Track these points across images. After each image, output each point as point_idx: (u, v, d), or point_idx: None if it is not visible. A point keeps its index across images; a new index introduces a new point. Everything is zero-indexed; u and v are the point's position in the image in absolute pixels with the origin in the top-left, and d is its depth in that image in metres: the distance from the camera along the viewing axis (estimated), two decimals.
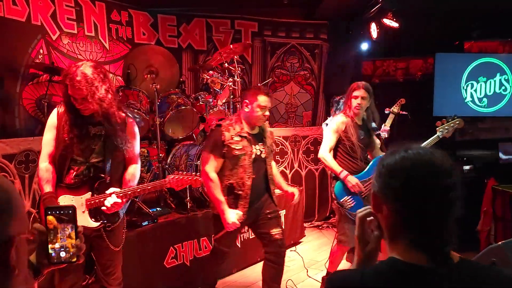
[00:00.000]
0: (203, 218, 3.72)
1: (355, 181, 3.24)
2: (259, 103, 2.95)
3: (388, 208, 1.09)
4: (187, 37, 5.70)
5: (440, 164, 1.07)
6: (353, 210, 3.24)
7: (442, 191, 1.04)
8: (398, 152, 1.11)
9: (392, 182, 1.08)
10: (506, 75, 6.15)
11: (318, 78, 6.36)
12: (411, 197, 1.05)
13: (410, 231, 1.06)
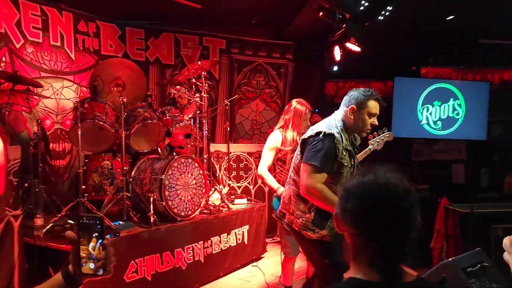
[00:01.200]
0: (166, 232, 3.71)
1: None
2: (371, 111, 2.54)
3: (347, 230, 1.15)
4: (155, 51, 5.72)
5: (395, 187, 1.10)
6: None
7: (396, 214, 1.08)
8: (357, 176, 1.16)
9: (348, 206, 1.13)
10: (458, 100, 6.54)
11: (283, 96, 6.52)
12: (365, 220, 1.09)
13: (366, 252, 1.10)
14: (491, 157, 6.92)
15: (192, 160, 4.12)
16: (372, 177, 1.12)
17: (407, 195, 1.10)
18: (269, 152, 3.52)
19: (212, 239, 4.18)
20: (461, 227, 4.42)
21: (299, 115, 3.50)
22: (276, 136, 3.53)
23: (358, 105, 2.53)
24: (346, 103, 2.60)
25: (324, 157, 2.44)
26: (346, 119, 2.58)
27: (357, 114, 2.54)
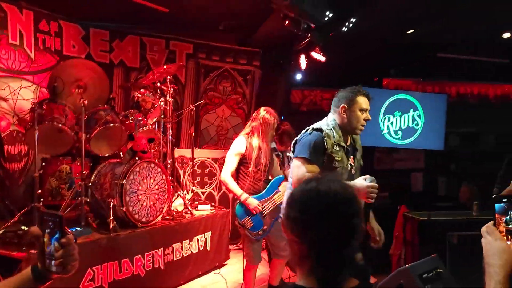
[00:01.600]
0: (125, 238, 3.62)
1: (255, 204, 3.36)
2: (361, 106, 2.59)
3: (290, 237, 1.14)
4: (119, 53, 5.61)
5: (335, 195, 1.09)
6: (253, 229, 3.39)
7: (336, 223, 1.07)
8: (303, 183, 1.16)
9: (290, 213, 1.12)
10: (418, 111, 6.78)
11: (250, 103, 6.54)
12: (305, 228, 1.09)
13: (308, 260, 1.10)
14: (448, 167, 7.21)
15: (155, 165, 4.05)
16: (314, 184, 1.12)
17: (348, 203, 1.09)
18: (233, 158, 3.52)
19: (174, 246, 4.12)
20: (418, 234, 4.56)
21: (268, 124, 3.53)
22: (241, 142, 3.54)
23: (348, 103, 2.59)
24: (336, 104, 2.65)
25: (312, 149, 2.47)
26: (339, 119, 2.62)
27: (349, 111, 2.58)
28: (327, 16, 4.14)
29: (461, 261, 4.05)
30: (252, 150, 3.48)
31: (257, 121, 3.56)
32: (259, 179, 3.53)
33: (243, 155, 3.50)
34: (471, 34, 5.71)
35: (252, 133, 3.55)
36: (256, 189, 3.52)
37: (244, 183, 3.51)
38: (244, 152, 3.49)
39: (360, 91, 2.63)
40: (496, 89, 7.66)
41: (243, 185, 3.50)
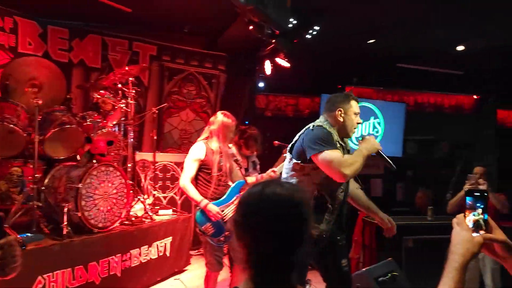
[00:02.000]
0: (80, 245, 3.49)
1: (216, 210, 3.31)
2: (355, 110, 2.70)
3: (236, 240, 1.12)
4: (79, 52, 5.44)
5: (278, 200, 1.06)
6: (214, 236, 3.34)
7: (275, 228, 1.04)
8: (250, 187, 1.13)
9: (235, 216, 1.11)
10: (378, 119, 6.98)
11: (214, 107, 6.50)
12: (246, 232, 1.07)
13: (249, 264, 1.07)
14: (406, 173, 7.44)
15: (114, 169, 3.94)
16: (260, 187, 1.09)
17: (292, 208, 1.06)
18: (192, 163, 3.44)
19: (132, 252, 4.01)
20: (376, 238, 4.67)
21: (227, 127, 3.50)
22: (200, 148, 3.47)
23: (344, 107, 2.66)
24: (331, 108, 2.70)
25: (326, 140, 2.51)
26: (334, 122, 2.67)
27: (345, 115, 2.66)
28: (291, 23, 4.19)
29: (416, 264, 4.18)
30: (213, 154, 3.44)
31: (215, 125, 3.52)
32: (223, 183, 3.49)
33: (203, 161, 3.43)
34: (428, 46, 5.94)
35: (211, 137, 3.51)
36: (219, 194, 3.46)
37: (205, 189, 3.44)
38: (203, 159, 3.42)
39: (353, 96, 2.74)
40: (451, 99, 8.01)
41: (204, 192, 3.43)
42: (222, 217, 3.35)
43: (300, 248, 1.06)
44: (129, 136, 4.73)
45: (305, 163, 2.58)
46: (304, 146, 2.57)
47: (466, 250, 1.09)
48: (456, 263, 1.08)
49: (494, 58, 6.42)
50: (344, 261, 2.77)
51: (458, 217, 1.16)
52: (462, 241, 1.11)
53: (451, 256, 1.10)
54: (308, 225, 1.08)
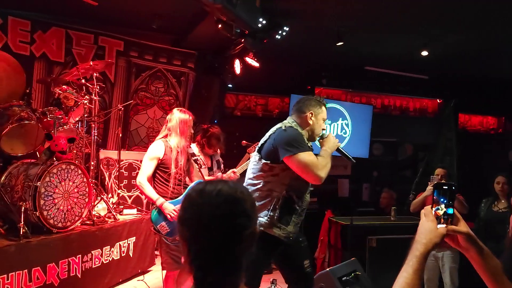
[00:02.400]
0: (37, 245, 3.35)
1: (171, 208, 3.27)
2: (324, 116, 2.75)
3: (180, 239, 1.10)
4: (42, 45, 5.24)
5: (217, 194, 1.05)
6: (169, 235, 3.31)
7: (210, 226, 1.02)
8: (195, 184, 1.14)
9: (179, 214, 1.10)
10: (346, 120, 7.08)
11: (183, 105, 6.41)
12: (184, 228, 1.06)
13: (189, 262, 1.05)
14: (372, 174, 7.60)
15: (75, 167, 3.81)
16: (203, 185, 1.09)
17: (232, 204, 1.05)
18: (149, 162, 3.37)
19: (93, 252, 3.89)
20: (341, 238, 4.74)
21: (184, 122, 3.45)
22: (158, 146, 3.41)
23: (315, 111, 2.68)
24: (302, 109, 2.70)
25: (299, 142, 2.51)
26: (303, 124, 2.68)
27: (315, 119, 2.67)
28: (260, 22, 4.18)
29: (379, 264, 4.27)
30: (171, 152, 3.38)
31: (172, 122, 3.46)
32: (180, 182, 3.44)
33: (161, 160, 3.37)
34: (394, 50, 6.08)
35: (170, 135, 3.45)
36: (177, 193, 3.42)
37: (164, 189, 3.39)
38: (162, 157, 3.37)
39: (324, 102, 2.77)
40: (416, 103, 8.25)
41: (162, 191, 3.38)
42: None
43: (240, 246, 1.04)
44: (93, 133, 4.60)
45: (275, 163, 2.56)
46: (276, 146, 2.54)
47: (429, 240, 1.14)
48: (417, 252, 1.13)
49: (457, 63, 6.65)
50: (306, 262, 2.79)
51: (425, 209, 1.21)
52: (426, 231, 1.16)
53: (414, 245, 1.15)
54: (251, 223, 1.06)
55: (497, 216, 3.98)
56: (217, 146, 4.22)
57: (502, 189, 4.01)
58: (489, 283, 1.20)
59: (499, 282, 1.17)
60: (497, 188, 4.04)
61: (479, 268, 1.21)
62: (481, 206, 4.19)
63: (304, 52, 6.40)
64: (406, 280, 1.10)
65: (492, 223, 4.01)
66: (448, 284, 4.06)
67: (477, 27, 5.06)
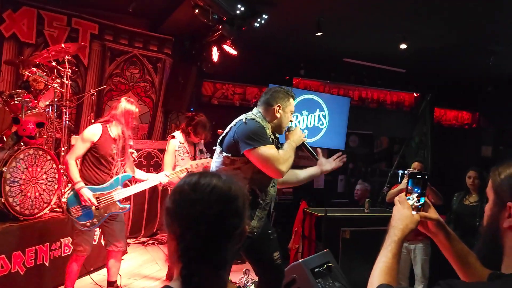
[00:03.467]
0: (2, 233, 3.24)
1: (88, 196, 3.24)
2: (292, 109, 2.67)
3: (166, 229, 1.06)
4: (11, 25, 5.01)
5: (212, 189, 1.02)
6: (80, 219, 3.27)
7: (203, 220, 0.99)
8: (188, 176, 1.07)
9: (167, 203, 1.05)
10: (324, 112, 7.10)
11: (158, 91, 6.29)
12: (174, 222, 1.02)
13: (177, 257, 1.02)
14: (347, 166, 7.66)
15: (44, 152, 3.68)
16: (196, 177, 1.05)
17: (225, 202, 1.02)
18: (82, 143, 3.31)
19: (62, 241, 3.79)
20: (315, 229, 4.76)
21: (129, 113, 3.40)
22: (96, 129, 3.34)
23: (283, 103, 2.61)
24: (270, 102, 2.63)
25: (259, 135, 2.44)
26: (269, 116, 2.61)
27: (282, 112, 2.61)
28: (238, 9, 4.10)
29: (352, 255, 4.31)
30: (108, 139, 3.33)
31: (117, 110, 3.39)
32: (109, 171, 3.38)
33: (95, 143, 3.30)
34: (373, 43, 6.09)
35: (111, 122, 3.38)
36: (101, 180, 3.36)
37: (89, 173, 3.34)
38: (96, 141, 3.30)
39: (292, 95, 2.69)
40: (393, 96, 8.33)
41: (87, 175, 3.33)
42: (95, 204, 3.27)
43: (229, 244, 1.03)
44: (64, 118, 4.44)
45: (237, 156, 2.51)
46: (236, 139, 2.48)
47: (405, 226, 1.22)
48: (395, 237, 1.20)
49: (434, 58, 6.73)
50: (276, 254, 2.75)
51: (400, 196, 1.29)
52: (402, 217, 1.23)
53: (392, 230, 1.22)
54: (241, 222, 1.04)
55: (468, 209, 4.07)
56: (203, 134, 4.17)
57: (473, 184, 4.08)
58: (455, 264, 1.28)
59: (464, 263, 1.26)
60: (468, 182, 4.11)
61: (446, 251, 1.29)
62: (453, 200, 4.27)
63: (283, 42, 6.35)
64: (386, 264, 1.14)
65: (463, 216, 4.09)
66: (419, 276, 4.14)
67: (455, 22, 5.11)
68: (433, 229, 1.30)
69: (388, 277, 1.11)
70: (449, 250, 1.28)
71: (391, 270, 1.13)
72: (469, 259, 1.26)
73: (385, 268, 1.13)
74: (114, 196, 3.37)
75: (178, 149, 4.09)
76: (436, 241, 1.31)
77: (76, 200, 3.26)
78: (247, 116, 2.57)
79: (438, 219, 1.30)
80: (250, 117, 2.55)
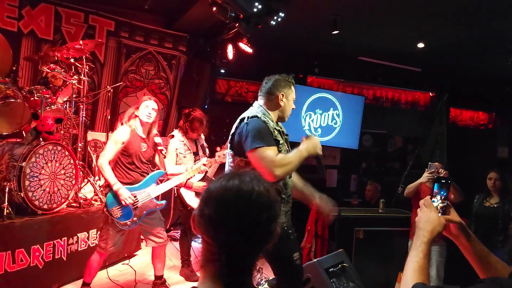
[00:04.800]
0: (21, 227, 3.29)
1: (127, 195, 3.30)
2: (293, 96, 2.64)
3: (201, 235, 1.06)
4: (30, 22, 5.08)
5: (257, 198, 1.02)
6: (121, 219, 3.34)
7: (252, 227, 1.01)
8: (223, 178, 1.06)
9: (205, 210, 1.04)
10: (337, 110, 7.06)
11: (173, 89, 6.32)
12: (219, 229, 1.02)
13: (216, 262, 1.02)
14: (360, 165, 7.62)
15: (62, 148, 3.73)
16: (237, 182, 1.03)
17: (268, 208, 1.03)
18: (113, 145, 3.37)
19: (79, 235, 3.84)
20: (329, 229, 4.75)
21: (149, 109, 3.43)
22: (124, 130, 3.40)
23: (286, 91, 2.58)
24: (271, 91, 2.58)
25: (262, 134, 2.37)
26: (273, 106, 2.57)
27: (286, 100, 2.59)
28: (255, 7, 4.10)
29: (366, 255, 4.29)
30: (135, 138, 3.39)
31: (139, 109, 3.44)
32: (141, 169, 3.45)
33: (125, 144, 3.36)
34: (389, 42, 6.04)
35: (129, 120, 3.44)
36: (135, 180, 3.43)
37: (122, 173, 3.40)
38: (125, 142, 3.36)
39: (293, 82, 2.66)
40: (408, 95, 8.25)
41: (120, 176, 3.39)
42: (133, 203, 3.34)
43: (266, 248, 1.05)
44: (81, 114, 4.50)
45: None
46: (241, 142, 2.44)
47: (433, 229, 1.25)
48: (425, 238, 1.23)
49: (451, 58, 6.65)
50: (296, 255, 2.71)
51: (426, 200, 1.32)
52: (430, 220, 1.27)
53: (420, 232, 1.26)
54: (277, 225, 1.06)
55: (489, 211, 4.01)
56: (200, 129, 4.16)
57: (494, 185, 4.03)
58: (476, 265, 1.30)
59: (485, 264, 1.28)
60: (489, 184, 4.06)
61: (468, 253, 1.32)
62: (474, 202, 4.22)
63: (297, 40, 6.33)
64: (418, 264, 1.18)
65: (484, 218, 4.04)
66: (434, 277, 4.11)
67: (472, 22, 5.04)
68: (455, 231, 1.33)
69: (421, 276, 1.15)
70: (470, 252, 1.31)
71: (423, 270, 1.16)
72: (490, 259, 1.29)
73: (418, 267, 1.17)
74: (151, 194, 3.43)
75: (179, 147, 4.10)
76: (458, 243, 1.34)
77: (115, 201, 3.31)
78: (249, 114, 2.49)
79: (461, 222, 1.33)
80: (252, 114, 2.48)
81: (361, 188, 7.23)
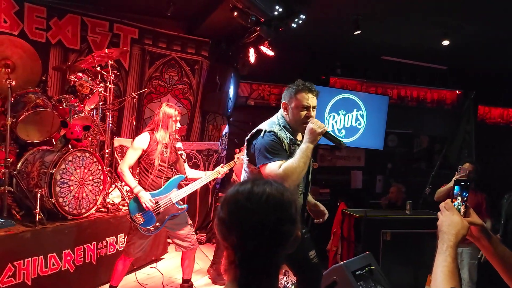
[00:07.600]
0: (53, 232, 3.39)
1: (147, 198, 3.34)
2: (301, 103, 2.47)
3: (220, 239, 1.07)
4: (57, 32, 5.24)
5: (267, 200, 1.02)
6: (144, 225, 3.37)
7: (263, 229, 1.00)
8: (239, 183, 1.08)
9: (220, 214, 1.05)
10: (361, 111, 6.97)
11: (196, 93, 6.39)
12: (230, 232, 1.02)
13: (232, 265, 1.03)
14: (386, 166, 7.50)
15: (90, 155, 3.83)
16: (249, 186, 1.05)
17: (280, 210, 1.03)
18: (133, 152, 3.46)
19: (108, 240, 3.93)
20: (355, 231, 4.69)
21: (168, 116, 3.52)
22: (144, 138, 3.48)
23: (289, 100, 2.51)
24: (281, 101, 2.57)
25: (270, 151, 2.37)
26: (286, 116, 2.54)
27: (290, 109, 2.50)
28: (276, 10, 4.10)
29: (393, 257, 4.22)
30: (157, 145, 3.45)
31: (159, 115, 3.54)
32: (163, 175, 3.50)
33: (145, 151, 3.44)
34: (413, 40, 5.93)
35: (156, 128, 3.51)
36: (157, 186, 3.48)
37: (144, 179, 3.47)
38: (146, 148, 3.44)
39: (300, 88, 2.50)
40: (433, 94, 8.07)
41: (142, 182, 3.46)
42: (155, 208, 3.38)
43: (284, 251, 1.04)
44: (108, 121, 4.60)
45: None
46: (254, 153, 2.46)
47: (458, 231, 1.23)
48: (450, 242, 1.22)
49: (476, 54, 6.47)
50: (311, 253, 2.72)
51: (447, 202, 1.31)
52: (453, 223, 1.25)
53: (445, 236, 1.24)
54: (295, 228, 1.05)
55: None
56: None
57: None
58: (499, 267, 1.30)
59: (508, 265, 1.28)
60: None
61: (490, 255, 1.31)
62: (503, 202, 4.10)
63: (319, 41, 6.29)
64: (448, 268, 1.16)
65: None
66: (466, 280, 4.00)
67: (497, 17, 4.89)
68: (477, 234, 1.32)
69: (453, 281, 1.14)
70: (493, 254, 1.31)
71: (454, 274, 1.16)
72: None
73: (448, 272, 1.16)
74: (172, 198, 3.49)
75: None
76: (479, 245, 1.34)
77: (137, 207, 3.38)
78: (267, 127, 2.48)
79: (482, 224, 1.33)
80: (270, 128, 2.46)
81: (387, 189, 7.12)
